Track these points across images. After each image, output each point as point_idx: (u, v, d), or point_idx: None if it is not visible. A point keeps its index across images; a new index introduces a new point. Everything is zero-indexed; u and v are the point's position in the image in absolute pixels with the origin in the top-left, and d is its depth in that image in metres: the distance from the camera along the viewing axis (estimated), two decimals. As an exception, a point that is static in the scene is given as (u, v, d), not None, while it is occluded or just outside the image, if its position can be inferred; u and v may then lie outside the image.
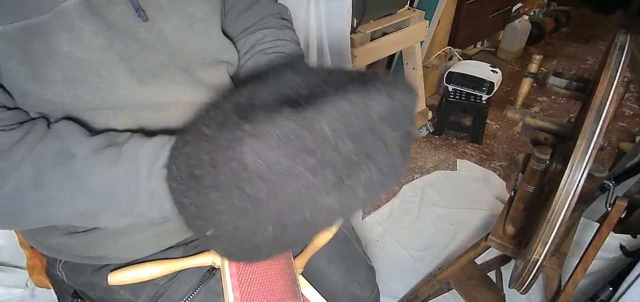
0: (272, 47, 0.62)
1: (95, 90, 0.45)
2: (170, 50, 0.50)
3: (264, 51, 0.61)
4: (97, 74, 0.45)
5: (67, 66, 0.43)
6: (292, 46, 0.64)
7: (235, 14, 0.63)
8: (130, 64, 0.46)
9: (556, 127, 0.83)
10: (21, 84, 0.43)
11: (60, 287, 0.68)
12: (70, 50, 0.43)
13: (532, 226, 0.84)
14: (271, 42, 0.62)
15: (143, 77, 0.48)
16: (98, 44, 0.44)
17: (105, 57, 0.45)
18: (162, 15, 0.48)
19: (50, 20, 0.41)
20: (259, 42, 0.62)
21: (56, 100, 0.45)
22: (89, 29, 0.43)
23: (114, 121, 0.49)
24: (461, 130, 2.08)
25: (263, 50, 0.61)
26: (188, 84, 0.52)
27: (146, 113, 0.50)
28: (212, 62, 0.55)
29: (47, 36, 0.41)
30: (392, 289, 1.34)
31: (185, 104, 0.52)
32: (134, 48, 0.46)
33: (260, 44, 0.62)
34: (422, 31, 1.83)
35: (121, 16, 0.45)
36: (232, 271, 0.54)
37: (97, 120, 0.48)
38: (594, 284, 1.28)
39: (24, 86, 0.43)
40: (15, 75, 0.42)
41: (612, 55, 0.63)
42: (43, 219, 0.45)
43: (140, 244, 0.57)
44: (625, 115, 2.23)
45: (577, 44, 3.13)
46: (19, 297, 1.11)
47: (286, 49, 0.62)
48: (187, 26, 0.51)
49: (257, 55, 0.61)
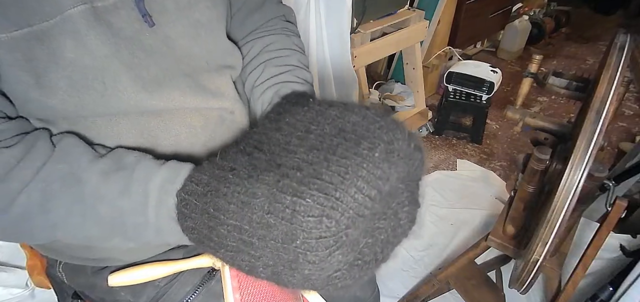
0: (280, 57, 0.61)
1: (99, 97, 0.45)
2: (175, 56, 0.49)
3: (271, 61, 0.60)
4: (102, 81, 0.44)
5: (71, 73, 0.43)
6: (297, 56, 0.63)
7: (242, 17, 0.63)
8: (134, 71, 0.46)
9: (556, 127, 0.83)
10: (24, 91, 0.43)
11: (60, 287, 0.68)
12: (75, 57, 0.42)
13: (532, 226, 0.84)
14: (277, 50, 0.61)
15: (147, 84, 0.47)
16: (103, 51, 0.43)
17: (110, 64, 0.44)
18: (168, 20, 0.48)
19: (54, 27, 0.40)
20: (266, 48, 0.62)
21: (59, 107, 0.44)
22: (94, 35, 0.42)
23: (117, 127, 0.48)
24: (461, 130, 2.08)
25: (270, 60, 0.60)
26: (191, 90, 0.51)
27: (149, 119, 0.50)
28: (217, 68, 0.55)
29: (51, 43, 0.41)
30: (392, 289, 1.34)
31: (188, 110, 0.52)
32: (139, 54, 0.46)
33: (268, 51, 0.61)
34: (422, 31, 1.83)
35: (127, 22, 0.45)
36: (232, 273, 0.54)
37: (100, 127, 0.48)
38: (594, 284, 1.28)
39: (27, 94, 0.43)
40: (19, 82, 0.42)
41: (612, 55, 0.63)
42: (51, 239, 0.45)
43: (140, 246, 0.57)
44: (625, 115, 2.23)
45: (577, 44, 3.13)
46: (19, 297, 1.11)
47: (292, 60, 0.61)
48: (193, 31, 0.50)
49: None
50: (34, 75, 0.41)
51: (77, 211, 0.43)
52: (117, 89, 0.45)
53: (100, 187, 0.42)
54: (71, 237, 0.45)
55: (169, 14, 0.48)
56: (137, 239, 0.45)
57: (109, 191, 0.42)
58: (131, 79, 0.46)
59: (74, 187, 0.42)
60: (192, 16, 0.50)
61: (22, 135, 0.44)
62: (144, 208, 0.42)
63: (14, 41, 0.39)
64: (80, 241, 0.46)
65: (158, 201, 0.42)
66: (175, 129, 0.52)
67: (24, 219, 0.42)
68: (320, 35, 1.47)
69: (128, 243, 0.46)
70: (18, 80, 0.42)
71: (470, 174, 1.85)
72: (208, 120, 0.54)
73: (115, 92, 0.45)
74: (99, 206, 0.42)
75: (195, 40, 0.51)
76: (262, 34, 0.63)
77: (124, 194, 0.42)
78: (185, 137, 0.53)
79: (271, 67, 0.60)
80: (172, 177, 0.42)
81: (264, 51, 0.62)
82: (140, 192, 0.42)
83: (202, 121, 0.54)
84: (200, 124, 0.53)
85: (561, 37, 3.22)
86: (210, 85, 0.54)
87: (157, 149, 0.51)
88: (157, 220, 0.42)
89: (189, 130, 0.53)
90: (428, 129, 2.08)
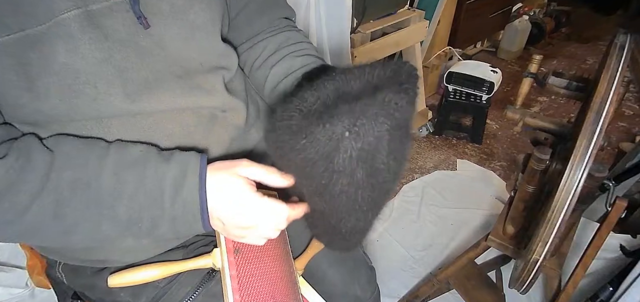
0: (301, 50, 0.64)
1: (91, 101, 0.45)
2: (168, 58, 0.49)
3: (293, 54, 0.63)
4: (94, 86, 0.44)
5: (63, 77, 0.42)
6: (314, 49, 0.66)
7: (247, 18, 0.64)
8: (126, 75, 0.46)
9: (556, 127, 0.83)
10: (16, 96, 0.42)
11: (60, 288, 0.68)
12: (67, 61, 0.42)
13: (532, 226, 0.84)
14: (296, 44, 0.65)
15: (138, 87, 0.47)
16: (96, 56, 0.43)
17: (103, 68, 0.44)
18: (164, 22, 0.48)
19: (48, 31, 0.40)
20: (284, 45, 0.64)
21: (51, 112, 0.44)
22: (87, 40, 0.42)
23: (109, 129, 0.49)
24: (461, 130, 2.08)
25: (292, 53, 0.63)
26: (183, 91, 0.52)
27: (141, 120, 0.50)
28: (210, 69, 0.55)
29: (44, 47, 0.41)
30: (392, 289, 1.34)
31: (180, 110, 0.52)
32: (132, 57, 0.46)
33: (289, 46, 0.64)
34: (422, 31, 1.83)
35: (122, 24, 0.45)
36: (232, 273, 0.54)
37: (91, 129, 0.48)
38: (594, 284, 1.28)
39: (18, 98, 0.43)
40: (11, 87, 0.42)
41: (612, 55, 0.63)
42: (66, 244, 0.48)
43: (140, 247, 0.57)
44: (625, 115, 2.23)
45: (577, 44, 3.13)
46: (19, 297, 1.11)
47: (312, 51, 0.65)
48: (188, 33, 0.50)
49: (289, 58, 0.63)
50: (27, 79, 0.41)
51: (91, 214, 0.44)
52: (108, 93, 0.45)
53: (116, 186, 0.44)
54: (87, 240, 0.47)
55: (164, 16, 0.48)
56: (150, 234, 0.48)
57: (126, 189, 0.45)
58: (122, 83, 0.46)
59: (86, 192, 0.44)
60: (187, 18, 0.50)
61: (10, 142, 0.44)
62: (160, 201, 0.46)
63: (7, 46, 0.39)
64: (95, 243, 0.48)
65: (173, 193, 0.46)
66: (169, 128, 0.52)
67: (36, 229, 0.44)
68: (321, 35, 1.47)
69: (140, 240, 0.50)
70: (10, 85, 0.42)
71: (470, 174, 1.85)
72: (200, 118, 0.54)
73: (106, 96, 0.45)
74: (117, 205, 0.45)
75: (189, 43, 0.51)
76: (276, 32, 0.66)
77: (139, 189, 0.45)
78: (180, 136, 0.53)
79: (296, 57, 0.63)
80: (183, 169, 0.47)
81: (283, 47, 0.64)
82: (154, 186, 0.46)
83: (195, 120, 0.54)
84: (193, 122, 0.54)
85: (561, 37, 3.22)
86: (203, 84, 0.54)
87: None
88: (173, 208, 0.46)
89: (182, 129, 0.53)
90: (428, 129, 2.07)
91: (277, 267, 0.59)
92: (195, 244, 0.63)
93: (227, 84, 0.58)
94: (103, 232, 0.46)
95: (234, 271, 0.54)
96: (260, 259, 0.57)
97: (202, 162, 0.48)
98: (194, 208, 0.47)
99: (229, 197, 0.48)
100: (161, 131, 0.52)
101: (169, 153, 0.49)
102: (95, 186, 0.44)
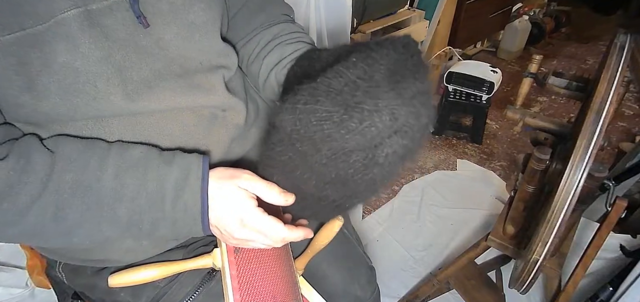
0: (293, 37, 0.64)
1: (90, 100, 0.45)
2: (168, 58, 0.49)
3: (285, 42, 0.63)
4: (94, 85, 0.44)
5: (63, 77, 0.42)
6: (308, 37, 0.66)
7: (245, 17, 0.64)
8: (126, 74, 0.46)
9: (556, 127, 0.83)
10: (16, 96, 0.42)
11: (60, 288, 0.68)
12: (67, 60, 0.42)
13: (532, 226, 0.84)
14: (290, 34, 0.65)
15: (138, 86, 0.47)
16: (96, 55, 0.43)
17: (103, 68, 0.44)
18: (163, 22, 0.48)
19: (48, 31, 0.40)
20: (278, 35, 0.64)
21: (50, 111, 0.44)
22: (87, 39, 0.42)
23: (109, 129, 0.49)
24: (461, 130, 2.08)
25: (284, 41, 0.63)
26: (183, 90, 0.52)
27: (141, 119, 0.50)
28: (210, 68, 0.55)
29: (44, 46, 0.41)
30: (392, 288, 1.34)
31: (180, 109, 0.52)
32: (132, 57, 0.46)
33: (281, 36, 0.64)
34: (422, 31, 1.84)
35: (122, 23, 0.45)
36: (232, 273, 0.54)
37: (92, 129, 0.48)
38: (594, 284, 1.28)
39: (18, 98, 0.43)
40: (11, 87, 0.42)
41: (612, 55, 0.63)
42: (67, 244, 0.48)
43: (140, 247, 0.57)
44: (625, 115, 2.23)
45: (577, 44, 3.13)
46: (19, 297, 1.11)
47: (304, 38, 0.65)
48: (187, 33, 0.50)
49: (283, 46, 0.63)
50: (27, 79, 0.41)
51: (92, 215, 0.45)
52: (108, 92, 0.45)
53: (117, 188, 0.45)
54: (87, 241, 0.47)
55: (164, 16, 0.48)
56: (151, 234, 0.48)
57: (127, 191, 0.45)
58: (122, 83, 0.46)
59: (86, 194, 0.44)
60: (186, 18, 0.50)
61: (11, 142, 0.44)
62: (161, 204, 0.46)
63: (7, 45, 0.39)
64: (95, 243, 0.49)
65: (175, 192, 0.46)
66: (169, 128, 0.52)
67: (37, 230, 0.44)
68: (321, 35, 1.47)
69: (140, 241, 0.50)
70: (10, 85, 0.42)
71: (470, 174, 1.85)
72: (200, 118, 0.54)
73: (106, 95, 0.45)
74: (118, 207, 0.45)
75: (189, 42, 0.51)
76: (271, 24, 0.66)
77: (140, 192, 0.45)
78: (179, 135, 0.53)
79: (287, 44, 0.63)
80: (185, 173, 0.47)
81: (276, 37, 0.64)
82: (156, 189, 0.46)
83: (194, 119, 0.54)
84: (193, 122, 0.54)
85: (561, 37, 3.22)
86: (202, 85, 0.54)
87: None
88: (174, 211, 0.47)
89: (182, 129, 0.53)
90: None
91: (277, 267, 0.59)
92: (195, 244, 0.63)
93: (227, 84, 0.58)
94: (103, 233, 0.46)
95: (235, 270, 0.54)
96: (261, 258, 0.57)
97: (204, 165, 0.48)
98: (195, 212, 0.47)
99: (230, 209, 0.48)
100: (161, 131, 0.52)
101: (171, 155, 0.49)
102: (96, 187, 0.44)
